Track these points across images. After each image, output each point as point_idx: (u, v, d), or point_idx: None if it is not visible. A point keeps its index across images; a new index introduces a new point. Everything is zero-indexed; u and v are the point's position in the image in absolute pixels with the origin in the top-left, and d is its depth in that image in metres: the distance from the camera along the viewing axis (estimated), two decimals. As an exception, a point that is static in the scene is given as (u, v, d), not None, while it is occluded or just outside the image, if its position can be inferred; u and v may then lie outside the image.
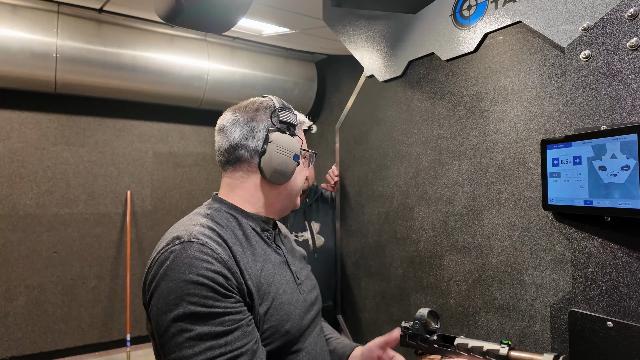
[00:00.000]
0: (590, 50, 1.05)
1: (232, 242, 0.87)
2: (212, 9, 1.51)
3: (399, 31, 1.65)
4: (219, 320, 0.77)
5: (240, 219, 0.95)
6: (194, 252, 0.80)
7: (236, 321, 0.79)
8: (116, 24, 3.57)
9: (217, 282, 0.78)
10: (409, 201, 1.59)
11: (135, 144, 4.15)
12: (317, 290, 1.08)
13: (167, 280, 0.78)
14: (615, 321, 0.97)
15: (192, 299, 0.76)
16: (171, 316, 0.77)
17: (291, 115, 1.02)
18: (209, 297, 0.77)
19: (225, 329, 0.77)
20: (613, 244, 0.99)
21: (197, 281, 0.77)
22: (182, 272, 0.77)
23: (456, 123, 1.41)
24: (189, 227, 0.86)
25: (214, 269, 0.79)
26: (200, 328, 0.76)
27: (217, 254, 0.81)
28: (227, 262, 0.82)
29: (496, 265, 1.27)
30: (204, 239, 0.82)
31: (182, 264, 0.78)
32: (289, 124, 1.00)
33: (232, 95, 4.08)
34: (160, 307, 0.78)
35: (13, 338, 3.56)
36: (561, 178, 1.07)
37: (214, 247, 0.82)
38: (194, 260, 0.79)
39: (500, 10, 1.28)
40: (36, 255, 3.67)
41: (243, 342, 0.79)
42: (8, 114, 3.61)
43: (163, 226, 4.26)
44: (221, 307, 0.78)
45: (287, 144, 0.97)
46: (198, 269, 0.78)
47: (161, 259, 0.82)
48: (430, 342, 0.70)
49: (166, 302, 0.77)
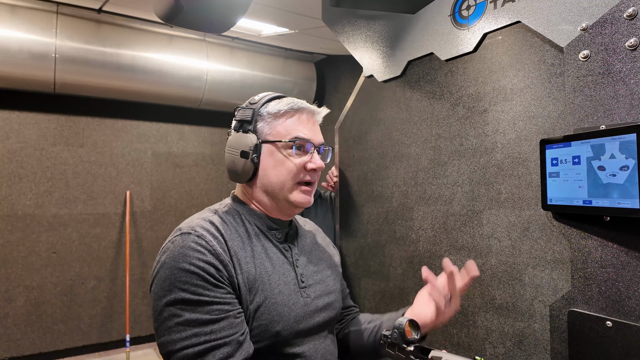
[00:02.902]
0: (589, 50, 1.05)
1: (230, 237, 0.90)
2: (211, 9, 1.51)
3: (398, 31, 1.65)
4: (207, 308, 0.81)
5: (246, 216, 0.98)
6: (189, 242, 0.84)
7: (224, 311, 0.82)
8: (115, 24, 3.57)
9: (207, 272, 0.82)
10: (408, 201, 1.59)
11: (134, 144, 4.15)
12: (331, 297, 1.03)
13: (165, 267, 0.83)
14: (615, 321, 0.97)
15: (183, 285, 0.81)
16: (165, 301, 0.81)
17: (247, 110, 0.97)
18: (199, 286, 0.81)
19: (212, 317, 0.81)
20: (612, 244, 1.00)
21: (189, 269, 0.81)
22: (177, 261, 0.82)
23: (455, 123, 1.41)
24: (193, 221, 0.91)
25: (206, 260, 0.83)
26: (189, 315, 0.80)
27: (210, 246, 0.85)
28: (220, 255, 0.85)
29: (495, 265, 1.27)
30: (201, 231, 0.86)
31: (178, 253, 0.83)
32: (242, 121, 0.97)
33: (232, 96, 4.09)
34: (157, 292, 0.83)
35: (12, 339, 3.56)
36: (560, 178, 1.07)
37: (209, 239, 0.86)
38: (188, 250, 0.83)
39: (499, 10, 1.28)
40: (35, 255, 3.67)
41: (229, 332, 0.82)
42: (7, 114, 3.60)
43: (162, 226, 4.26)
44: (210, 296, 0.82)
45: (233, 143, 0.96)
46: (191, 258, 0.82)
47: (164, 249, 0.87)
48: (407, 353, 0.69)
49: (162, 287, 0.82)
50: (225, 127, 4.52)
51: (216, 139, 4.53)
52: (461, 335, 1.36)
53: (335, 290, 1.07)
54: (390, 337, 0.74)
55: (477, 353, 1.30)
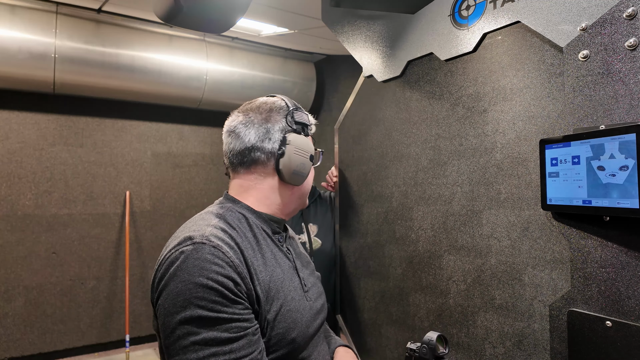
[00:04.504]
0: (588, 50, 1.05)
1: (244, 246, 0.86)
2: (210, 9, 1.51)
3: (398, 31, 1.65)
4: (225, 326, 0.76)
5: (252, 220, 0.94)
6: (205, 254, 0.78)
7: (243, 329, 0.78)
8: (115, 24, 3.56)
9: (226, 287, 0.77)
10: (408, 201, 1.59)
11: (134, 145, 4.15)
12: (323, 299, 1.06)
13: (177, 280, 0.77)
14: (614, 320, 0.97)
15: (200, 302, 0.75)
16: (178, 318, 0.76)
17: (303, 115, 1.02)
18: (217, 302, 0.76)
19: (232, 335, 0.77)
20: (612, 244, 1.00)
21: (207, 285, 0.76)
22: (192, 274, 0.76)
23: (455, 123, 1.41)
24: (201, 227, 0.85)
25: (225, 273, 0.78)
26: (207, 333, 0.75)
27: (228, 258, 0.80)
28: (238, 267, 0.80)
29: (495, 265, 1.27)
30: (216, 242, 0.81)
31: (193, 266, 0.77)
32: (303, 124, 1.00)
33: (231, 96, 4.08)
34: (167, 308, 0.78)
35: (12, 339, 3.56)
36: (560, 178, 1.07)
37: (226, 250, 0.81)
38: (205, 262, 0.77)
39: (498, 10, 1.28)
40: (35, 255, 3.67)
41: (248, 352, 0.78)
42: (7, 114, 3.60)
43: (162, 226, 4.25)
44: (229, 313, 0.77)
45: (304, 145, 0.98)
46: (208, 272, 0.77)
47: (172, 258, 0.80)
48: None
49: (174, 303, 0.77)
50: (225, 127, 4.51)
51: (216, 139, 4.52)
52: (461, 335, 1.36)
53: (324, 291, 1.10)
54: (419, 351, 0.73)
55: (477, 353, 1.30)
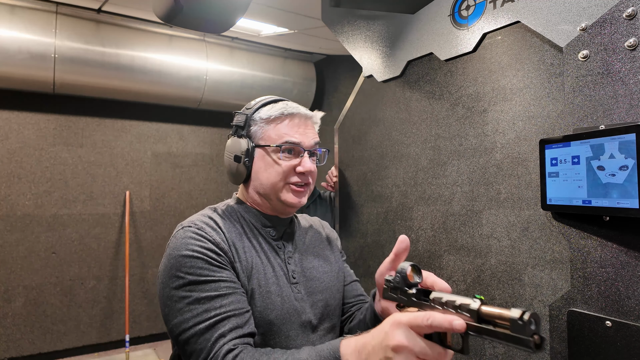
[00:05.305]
0: (588, 50, 1.05)
1: (228, 230, 0.95)
2: (210, 9, 1.51)
3: (398, 31, 1.65)
4: (214, 285, 0.85)
5: (243, 213, 1.03)
6: (189, 233, 0.90)
7: (231, 288, 0.87)
8: (114, 24, 3.56)
9: (210, 257, 0.87)
10: (408, 201, 1.59)
11: (133, 145, 4.15)
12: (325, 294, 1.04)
13: (168, 258, 0.89)
14: (614, 320, 0.97)
15: (189, 270, 0.86)
16: (172, 286, 0.86)
17: (242, 116, 1.02)
18: (204, 268, 0.86)
19: (221, 293, 0.85)
20: (611, 244, 1.00)
21: (192, 255, 0.86)
22: (179, 249, 0.88)
23: (455, 123, 1.41)
24: (194, 217, 0.97)
25: (206, 247, 0.88)
26: (198, 294, 0.84)
27: (210, 236, 0.90)
28: (219, 244, 0.90)
29: (495, 264, 1.27)
30: (200, 224, 0.93)
31: (180, 243, 0.89)
32: (237, 126, 1.04)
33: (231, 96, 4.08)
34: (163, 282, 0.88)
35: (12, 339, 3.55)
36: (560, 178, 1.07)
37: (208, 230, 0.91)
38: (189, 239, 0.89)
39: (498, 10, 1.28)
40: (34, 255, 3.67)
41: (237, 306, 0.86)
42: (6, 114, 3.60)
43: (162, 226, 4.25)
44: (217, 276, 0.86)
45: (230, 147, 1.03)
46: (192, 246, 0.88)
47: (167, 244, 0.93)
48: (409, 295, 0.71)
49: (168, 275, 0.87)
50: (225, 127, 4.52)
51: (216, 139, 4.52)
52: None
53: (332, 287, 1.07)
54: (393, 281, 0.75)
55: (477, 353, 1.30)
